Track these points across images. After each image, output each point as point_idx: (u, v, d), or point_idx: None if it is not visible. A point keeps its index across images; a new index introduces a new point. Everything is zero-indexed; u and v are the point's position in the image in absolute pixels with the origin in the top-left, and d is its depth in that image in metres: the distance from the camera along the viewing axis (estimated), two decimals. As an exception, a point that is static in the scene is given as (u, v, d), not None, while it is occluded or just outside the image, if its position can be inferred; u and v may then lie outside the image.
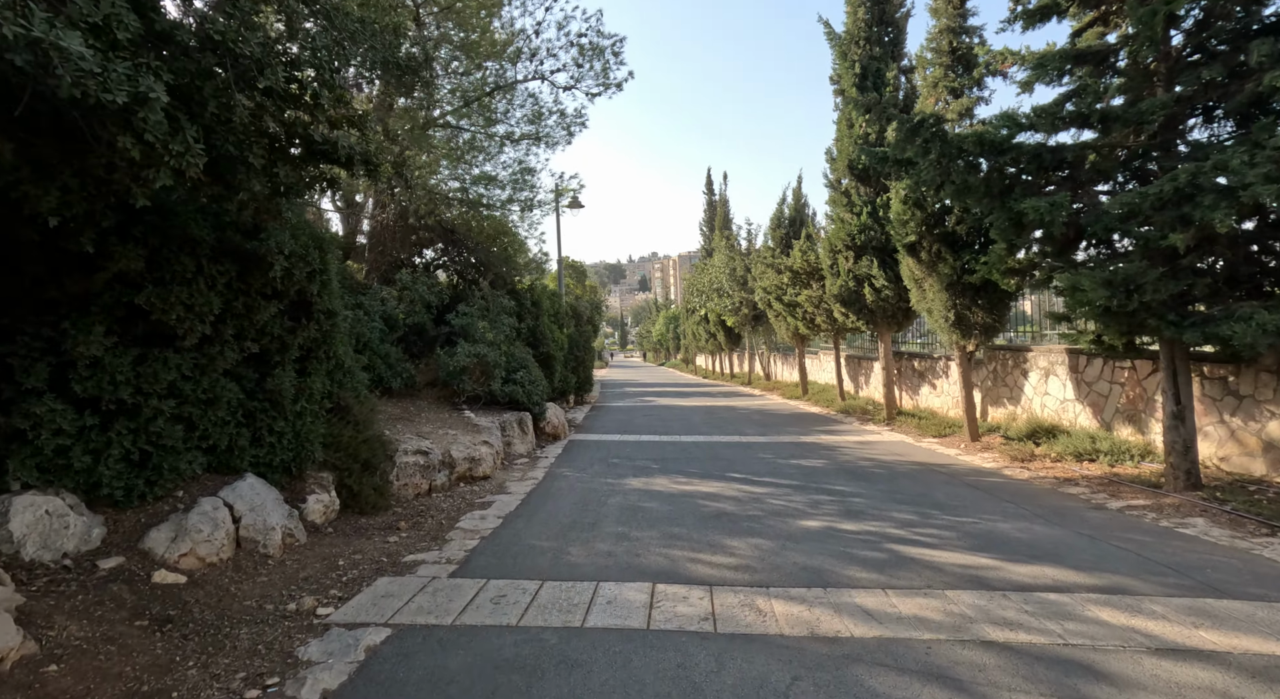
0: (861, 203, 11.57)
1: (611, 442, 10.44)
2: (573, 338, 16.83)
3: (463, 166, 10.98)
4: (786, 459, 8.57)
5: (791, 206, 17.91)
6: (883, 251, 11.46)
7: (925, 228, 8.84)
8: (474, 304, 10.29)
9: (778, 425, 12.46)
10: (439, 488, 6.59)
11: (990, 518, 5.44)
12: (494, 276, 11.78)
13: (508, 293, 12.12)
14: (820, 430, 11.63)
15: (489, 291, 10.70)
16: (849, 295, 11.93)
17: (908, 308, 11.52)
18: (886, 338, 12.17)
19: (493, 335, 9.39)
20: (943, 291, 8.92)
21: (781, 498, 6.29)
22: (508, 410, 9.51)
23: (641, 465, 8.20)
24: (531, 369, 10.13)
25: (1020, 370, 9.95)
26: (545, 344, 13.02)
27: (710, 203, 33.96)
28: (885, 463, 8.18)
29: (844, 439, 10.46)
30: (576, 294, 26.29)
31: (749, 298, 23.17)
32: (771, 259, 16.13)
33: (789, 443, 10.11)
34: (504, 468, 7.94)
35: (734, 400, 18.55)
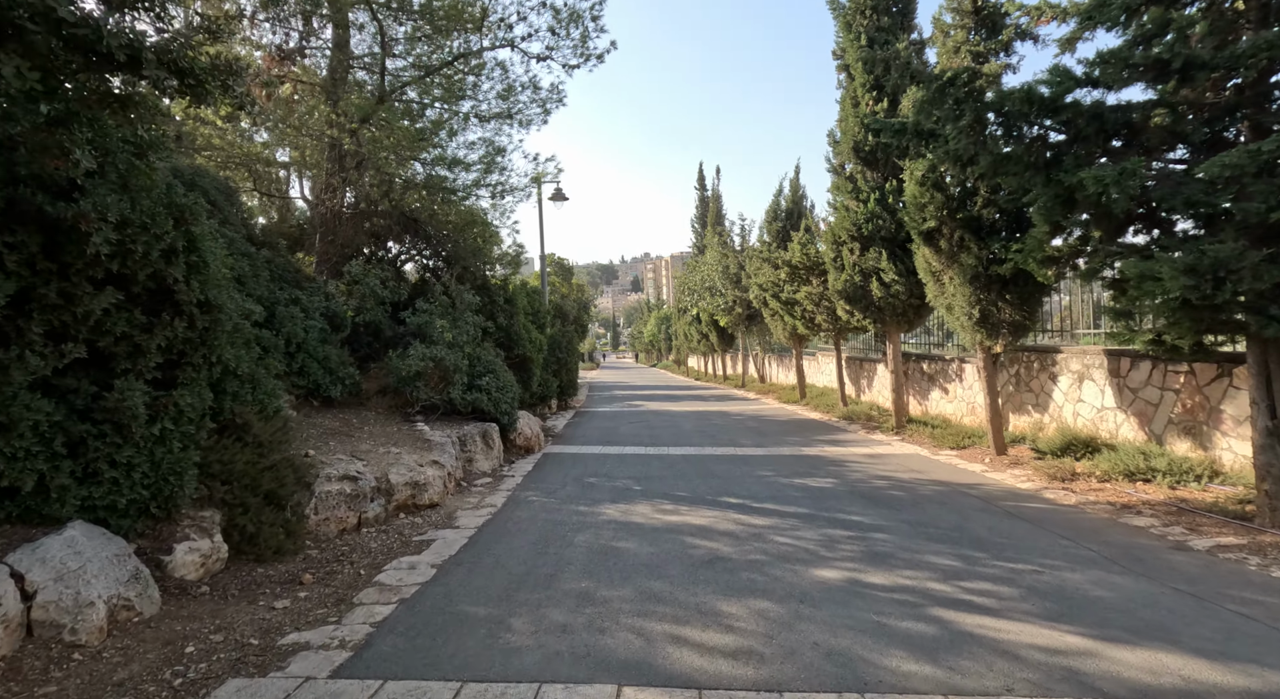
0: (869, 189, 10.47)
1: (591, 455, 9.28)
2: (555, 339, 15.66)
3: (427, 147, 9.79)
4: (789, 478, 7.44)
5: (789, 198, 16.83)
6: (892, 242, 10.37)
7: (946, 213, 7.74)
8: (435, 300, 9.11)
9: (776, 434, 11.34)
10: (371, 521, 5.41)
11: (1052, 563, 4.32)
12: (462, 270, 10.60)
13: (477, 288, 10.93)
14: (823, 440, 10.52)
15: (454, 286, 9.51)
16: (854, 291, 10.83)
17: (920, 305, 10.42)
18: (895, 338, 11.08)
19: (453, 335, 8.20)
20: (965, 285, 7.82)
21: (788, 533, 5.15)
22: (471, 421, 8.33)
23: (622, 487, 7.05)
24: (500, 374, 8.96)
25: (1048, 374, 8.88)
26: (521, 345, 11.84)
27: (702, 199, 32.88)
28: (904, 482, 7.06)
29: (851, 451, 9.35)
30: (563, 292, 25.12)
31: (743, 296, 22.09)
32: (768, 253, 15.03)
33: (790, 456, 8.98)
34: (459, 491, 6.76)
35: (727, 405, 17.43)
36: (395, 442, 6.75)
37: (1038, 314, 7.95)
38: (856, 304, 10.93)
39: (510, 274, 11.80)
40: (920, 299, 10.34)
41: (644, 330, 66.56)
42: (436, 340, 8.08)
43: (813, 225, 14.03)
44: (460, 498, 6.49)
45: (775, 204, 16.89)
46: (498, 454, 8.32)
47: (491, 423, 8.49)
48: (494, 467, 8.10)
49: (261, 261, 7.46)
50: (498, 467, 8.18)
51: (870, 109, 10.37)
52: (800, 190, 16.87)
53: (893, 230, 10.27)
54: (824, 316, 13.37)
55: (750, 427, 12.52)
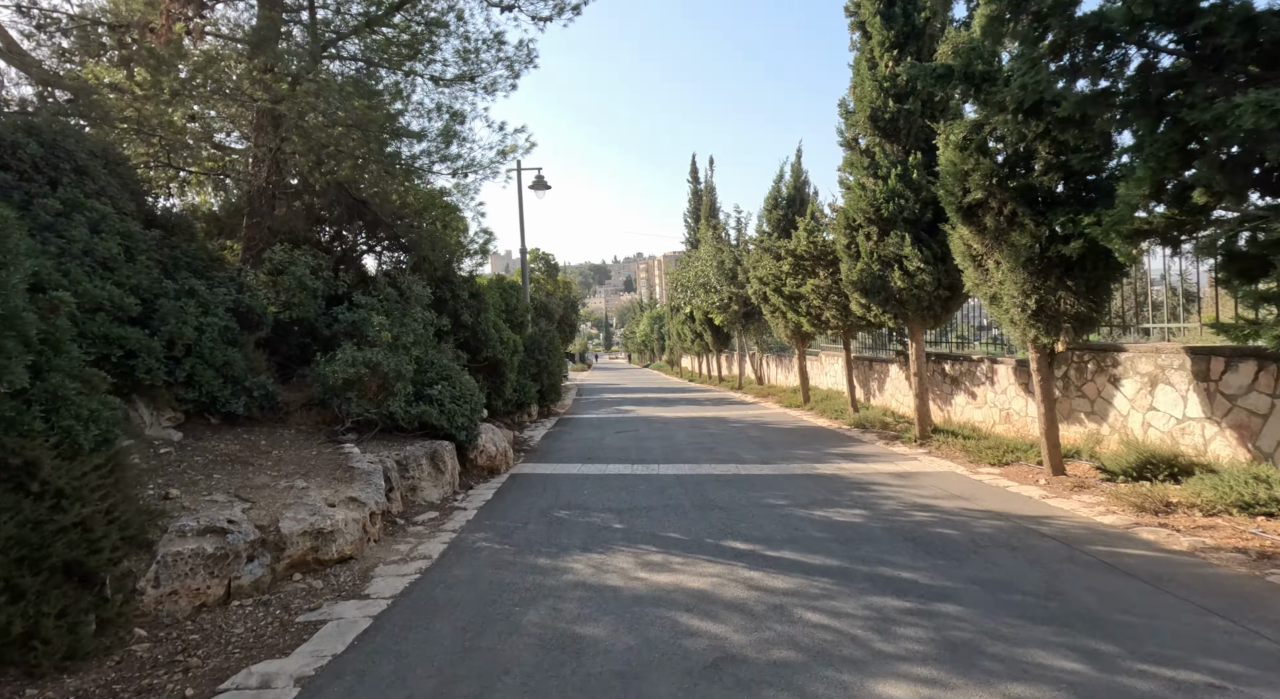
0: (889, 164, 9.08)
1: (566, 477, 7.82)
2: (534, 339, 14.20)
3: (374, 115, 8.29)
4: (807, 508, 6.02)
5: (790, 184, 15.43)
6: (916, 225, 8.98)
7: (995, 182, 6.33)
8: (380, 292, 7.62)
9: (782, 446, 9.92)
10: (247, 589, 3.94)
11: (1230, 668, 2.91)
12: (419, 260, 9.12)
13: (437, 281, 9.46)
14: (837, 454, 9.10)
15: (405, 277, 8.03)
16: (871, 281, 9.42)
17: (948, 296, 9.04)
18: (919, 335, 9.68)
19: (393, 335, 6.72)
20: (1017, 270, 6.42)
21: (820, 604, 3.72)
22: (418, 439, 6.86)
23: (598, 524, 5.59)
24: (458, 381, 7.49)
25: (1107, 377, 7.49)
26: (490, 347, 10.37)
27: (695, 192, 31.46)
28: (951, 515, 5.65)
29: (873, 469, 7.93)
30: (548, 290, 23.64)
31: (739, 293, 20.71)
32: (770, 243, 13.60)
33: (803, 477, 7.56)
34: (388, 535, 5.28)
35: (724, 409, 16.01)
36: (307, 471, 5.26)
37: (1106, 305, 6.55)
38: (874, 296, 9.52)
39: (478, 265, 10.30)
40: (949, 290, 8.96)
41: (636, 330, 65.10)
42: (374, 341, 6.60)
43: (818, 212, 12.62)
44: (387, 545, 5.01)
45: (775, 190, 15.49)
46: (451, 479, 6.85)
47: (444, 441, 7.02)
48: (445, 495, 6.63)
49: (149, 243, 5.97)
50: (449, 495, 6.70)
51: (890, 70, 8.97)
52: (803, 175, 15.48)
53: (916, 211, 8.88)
54: (833, 312, 11.97)
55: (752, 436, 11.09)
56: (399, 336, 6.87)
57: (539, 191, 17.37)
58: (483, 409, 8.51)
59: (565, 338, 28.32)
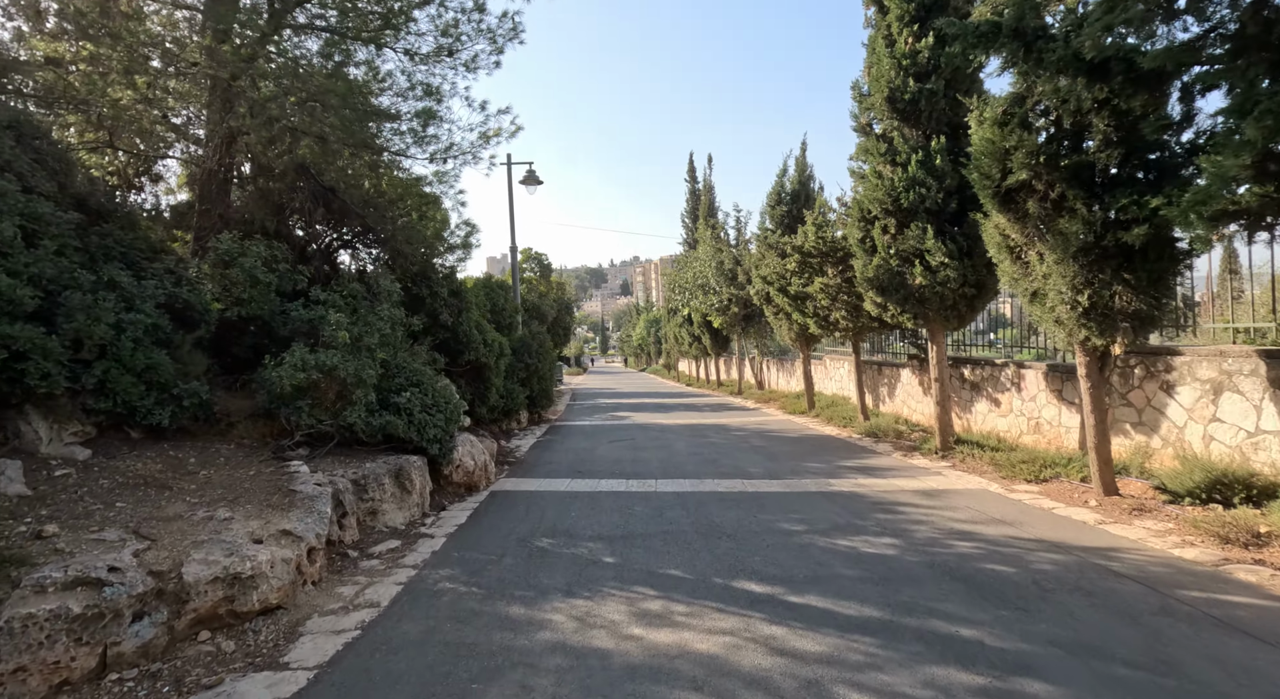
0: (908, 150, 8.28)
1: (553, 495, 6.97)
2: (524, 342, 13.36)
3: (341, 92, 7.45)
4: (829, 535, 5.18)
5: (794, 179, 14.65)
6: (939, 215, 8.18)
7: (1042, 160, 5.52)
8: (344, 287, 6.78)
9: (791, 457, 9.09)
10: (132, 656, 3.07)
11: None
12: (393, 254, 8.28)
13: (413, 277, 8.62)
14: (852, 467, 8.28)
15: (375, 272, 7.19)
16: (889, 278, 8.61)
17: (974, 294, 8.24)
18: (940, 337, 8.88)
19: (352, 335, 5.87)
20: (1067, 262, 5.61)
21: (867, 682, 2.88)
22: (382, 454, 6.00)
23: (586, 557, 4.74)
24: (431, 387, 6.64)
25: (1159, 383, 6.69)
26: (472, 350, 9.53)
27: (693, 191, 30.68)
28: (998, 546, 4.82)
29: (895, 485, 7.11)
30: (540, 291, 22.80)
31: (739, 294, 19.94)
32: (775, 240, 12.77)
33: (819, 495, 6.72)
34: (333, 573, 4.42)
35: (725, 416, 15.18)
36: (237, 497, 4.40)
37: (1168, 302, 5.74)
38: (891, 295, 8.71)
39: (460, 260, 9.48)
40: (976, 287, 8.16)
41: (633, 334, 64.25)
42: (330, 342, 5.75)
43: (826, 207, 11.81)
44: (329, 587, 4.15)
45: (779, 186, 14.71)
46: (419, 499, 5.99)
47: (413, 455, 6.16)
48: (411, 519, 5.77)
49: (63, 228, 5.11)
50: (417, 519, 5.84)
51: (910, 47, 8.19)
52: (808, 170, 14.70)
53: (939, 200, 8.08)
54: (843, 313, 11.16)
55: (757, 446, 10.26)
56: (361, 337, 6.01)
57: (530, 187, 16.56)
58: (461, 418, 7.66)
59: (559, 341, 27.47)
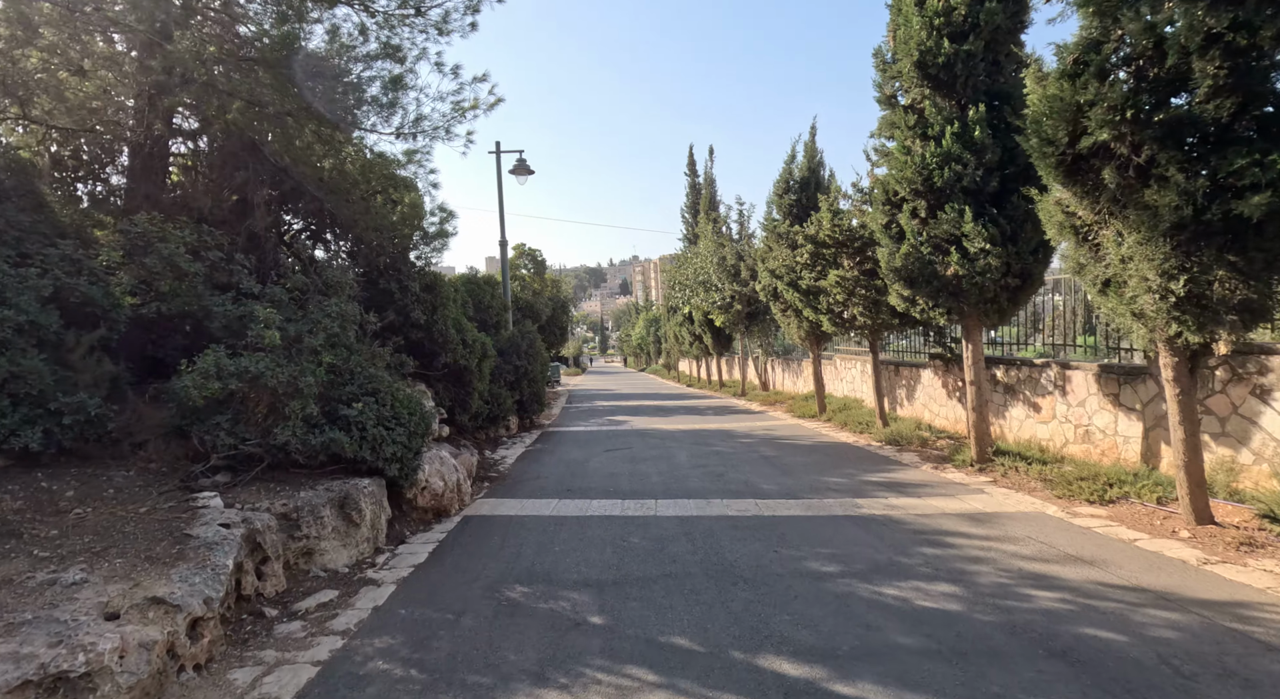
0: (941, 121, 7.26)
1: (535, 522, 5.96)
2: (512, 342, 12.35)
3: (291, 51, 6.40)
4: (871, 581, 4.17)
5: (803, 165, 13.63)
6: (978, 195, 7.17)
7: (1129, 115, 4.50)
8: (287, 278, 5.76)
9: (806, 469, 8.08)
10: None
11: None
12: (355, 244, 7.28)
13: (381, 271, 7.60)
14: (879, 482, 7.27)
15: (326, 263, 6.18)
16: (918, 268, 7.60)
17: (1019, 286, 7.23)
18: (977, 334, 7.86)
19: (287, 335, 4.85)
20: (1156, 241, 4.59)
21: None
22: (326, 478, 4.98)
23: (567, 618, 3.73)
24: (390, 396, 5.62)
25: (1249, 387, 5.67)
26: (450, 351, 8.51)
27: (693, 185, 29.64)
28: (1090, 597, 3.80)
29: (934, 506, 6.10)
30: (534, 288, 21.76)
31: (742, 291, 18.94)
32: (784, 229, 11.73)
33: (848, 521, 5.71)
34: (236, 643, 3.39)
35: (729, 420, 14.17)
36: (107, 548, 3.38)
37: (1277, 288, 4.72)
38: (921, 287, 7.69)
39: (434, 251, 8.45)
40: (1020, 277, 7.15)
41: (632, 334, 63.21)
42: (257, 343, 4.73)
43: (840, 192, 10.79)
44: (220, 672, 3.12)
45: (786, 173, 13.68)
46: (371, 532, 4.97)
47: (366, 479, 5.14)
48: (359, 557, 4.75)
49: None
50: (366, 557, 4.82)
51: (943, 3, 7.17)
52: (818, 156, 13.67)
53: (979, 178, 7.07)
54: (860, 308, 10.14)
55: (767, 456, 9.25)
56: (301, 337, 5.00)
57: (521, 177, 15.54)
58: (435, 429, 6.66)
59: (555, 341, 26.47)
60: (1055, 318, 9.18)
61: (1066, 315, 8.73)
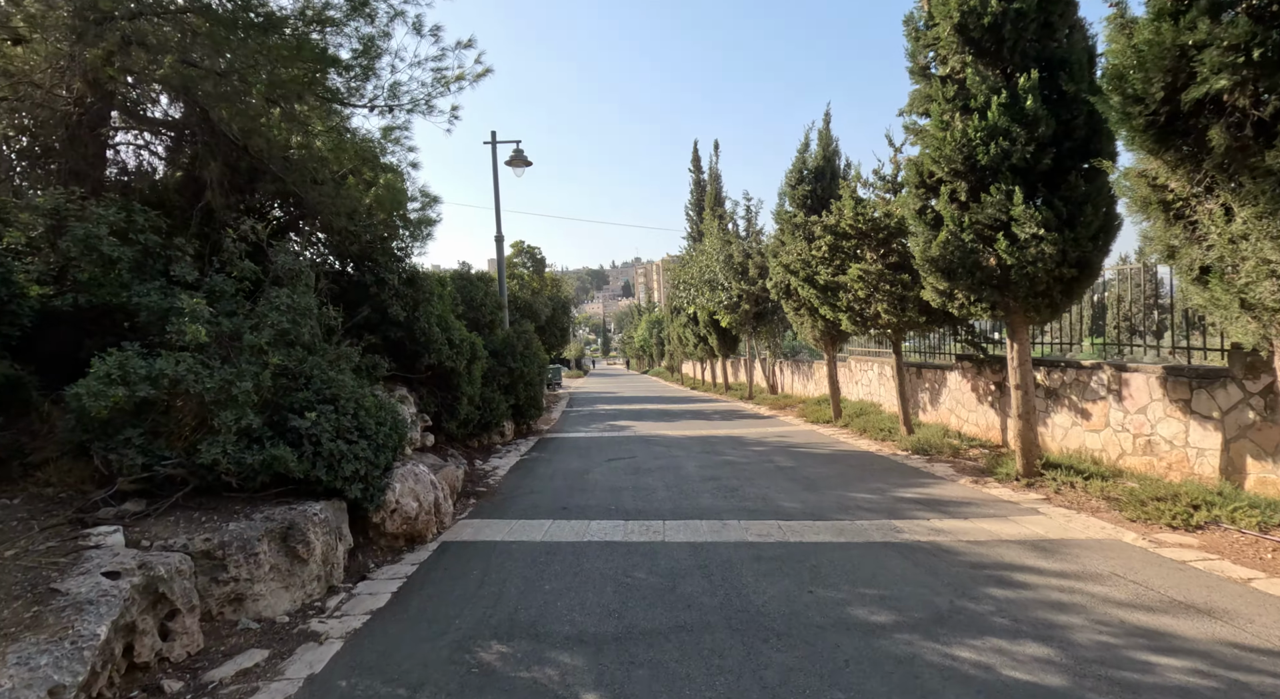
0: (986, 91, 6.41)
1: (523, 550, 5.11)
2: (507, 342, 11.51)
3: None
4: (937, 638, 3.31)
5: (818, 155, 12.78)
6: (1028, 174, 6.32)
7: (1253, 59, 3.63)
8: (230, 266, 4.92)
9: (830, 483, 7.21)
10: None
11: None
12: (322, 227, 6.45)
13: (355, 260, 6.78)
14: (917, 500, 6.40)
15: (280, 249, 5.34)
16: (958, 258, 6.74)
17: (1075, 276, 6.36)
18: (1024, 331, 7.00)
19: (211, 333, 4.01)
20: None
21: None
22: (268, 504, 4.13)
23: (555, 695, 2.89)
24: (352, 404, 4.79)
25: (1363, 393, 4.80)
26: (434, 352, 7.68)
27: (698, 182, 28.79)
28: (1234, 671, 2.95)
29: (988, 530, 5.23)
30: (534, 287, 20.93)
31: (750, 290, 18.11)
32: (801, 220, 10.85)
33: (888, 549, 4.85)
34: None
35: (739, 425, 13.31)
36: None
37: None
38: (961, 279, 6.83)
39: (415, 239, 7.62)
40: (1078, 266, 6.29)
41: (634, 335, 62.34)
42: (177, 341, 3.89)
43: (859, 178, 9.93)
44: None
45: (799, 163, 12.84)
46: (323, 568, 4.12)
47: (318, 503, 4.30)
48: (305, 600, 3.90)
49: None
50: (316, 598, 3.98)
51: (989, -43, 6.32)
52: (833, 144, 12.83)
53: (1030, 155, 6.21)
54: (885, 305, 9.28)
55: (784, 467, 8.39)
56: (238, 334, 4.16)
57: (518, 168, 14.73)
58: (407, 443, 5.82)
59: (555, 342, 25.63)
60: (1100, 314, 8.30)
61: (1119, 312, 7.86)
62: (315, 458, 4.35)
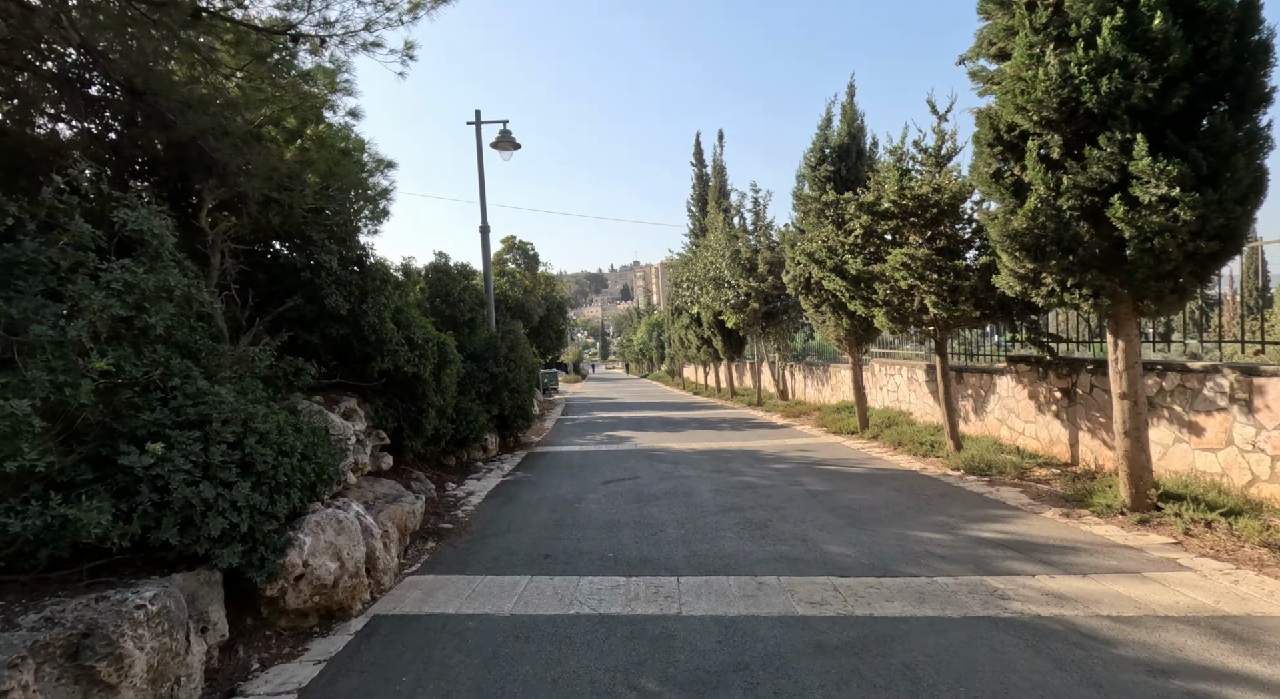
0: (1093, 14, 4.95)
1: (485, 630, 3.62)
2: (490, 344, 10.04)
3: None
4: None
5: (841, 131, 11.34)
6: (1151, 118, 4.85)
7: None
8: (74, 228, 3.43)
9: (880, 516, 5.71)
10: None
11: None
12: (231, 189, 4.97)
13: (279, 236, 5.31)
14: (999, 543, 4.91)
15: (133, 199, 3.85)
16: (1052, 232, 5.26)
17: (1216, 252, 4.89)
18: (1132, 326, 5.53)
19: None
20: None
21: None
22: (68, 589, 2.65)
23: None
24: (236, 426, 3.30)
25: None
26: (387, 354, 6.20)
27: (700, 175, 27.33)
28: None
29: (1127, 597, 3.74)
30: (525, 286, 19.44)
31: (759, 287, 16.67)
32: (832, 198, 9.29)
33: (1003, 631, 3.36)
34: None
35: (752, 437, 11.82)
36: None
37: None
38: (1053, 260, 5.36)
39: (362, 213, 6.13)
40: (1222, 238, 4.84)
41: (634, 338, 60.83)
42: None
43: (899, 150, 8.46)
44: None
45: (820, 140, 11.38)
46: (154, 691, 2.63)
47: (175, 575, 2.81)
48: (109, 757, 2.41)
49: None
50: (128, 752, 2.49)
51: None
52: (858, 120, 11.38)
53: (1154, 93, 4.75)
54: (934, 297, 7.81)
55: (817, 492, 6.90)
56: (19, 326, 2.69)
57: (505, 152, 13.27)
58: (330, 478, 4.34)
59: (550, 345, 24.16)
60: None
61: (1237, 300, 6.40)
62: (159, 512, 2.87)
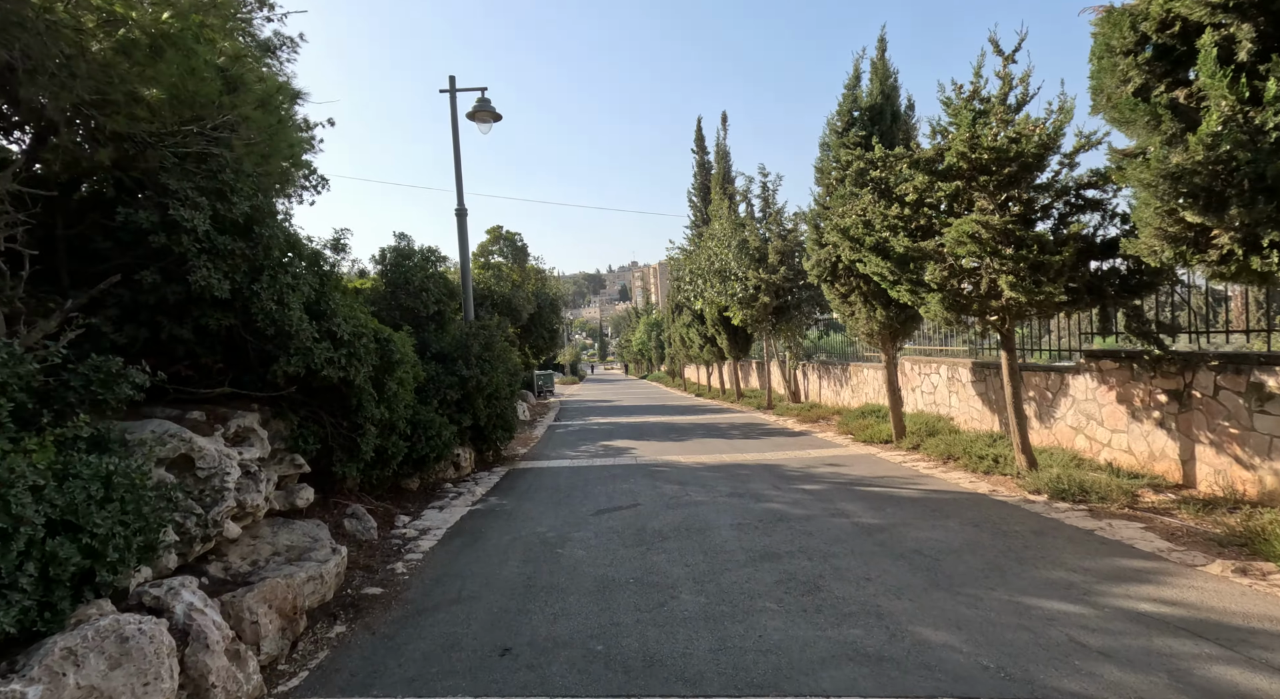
0: None
1: None
2: (460, 341, 8.39)
3: None
4: None
5: (873, 90, 9.69)
6: None
7: None
8: None
9: (975, 576, 4.06)
10: None
11: None
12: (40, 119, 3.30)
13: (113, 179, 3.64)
14: (1175, 628, 3.24)
15: None
16: (1246, 161, 3.63)
17: None
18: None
19: None
20: None
21: None
22: None
23: None
24: None
25: None
26: (296, 351, 4.53)
27: (702, 163, 25.64)
28: None
29: None
30: (513, 280, 17.75)
31: (770, 279, 15.05)
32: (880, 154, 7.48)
33: None
34: None
35: (769, 447, 10.16)
36: None
37: None
38: (1233, 206, 3.72)
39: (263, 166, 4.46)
40: None
41: (632, 339, 59.11)
42: None
43: (957, 92, 6.81)
44: None
45: (849, 101, 9.73)
46: None
47: None
48: None
49: None
50: None
51: None
52: (891, 77, 9.74)
53: None
54: (1012, 275, 6.15)
55: (869, 528, 5.25)
56: None
57: (483, 125, 11.63)
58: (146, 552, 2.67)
59: (544, 346, 22.50)
60: None
61: None
62: None
